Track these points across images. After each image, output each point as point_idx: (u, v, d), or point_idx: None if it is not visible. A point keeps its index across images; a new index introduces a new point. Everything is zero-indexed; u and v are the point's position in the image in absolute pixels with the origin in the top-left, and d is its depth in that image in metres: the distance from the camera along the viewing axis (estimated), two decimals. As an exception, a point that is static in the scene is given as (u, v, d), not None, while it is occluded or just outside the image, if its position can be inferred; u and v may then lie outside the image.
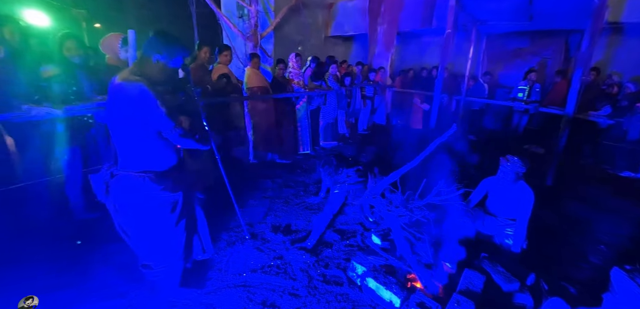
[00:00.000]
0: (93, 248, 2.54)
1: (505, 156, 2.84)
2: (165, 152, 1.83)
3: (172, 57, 1.72)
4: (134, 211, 1.80)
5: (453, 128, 2.93)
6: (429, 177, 2.80)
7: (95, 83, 2.82)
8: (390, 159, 3.41)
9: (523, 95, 6.03)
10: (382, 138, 6.60)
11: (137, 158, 1.74)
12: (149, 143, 1.73)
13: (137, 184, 1.73)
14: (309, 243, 2.81)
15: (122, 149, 1.74)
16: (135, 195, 1.75)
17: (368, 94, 7.07)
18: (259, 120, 4.76)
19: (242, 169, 4.62)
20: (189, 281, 2.19)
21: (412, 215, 2.70)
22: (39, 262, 2.30)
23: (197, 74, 3.69)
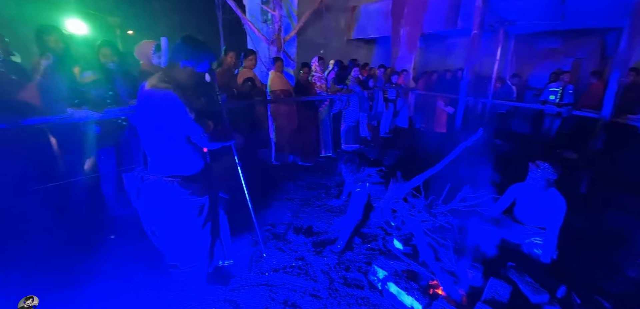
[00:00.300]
0: (125, 241, 2.69)
1: (535, 161, 2.74)
2: (193, 158, 1.87)
3: (199, 62, 1.76)
4: (163, 214, 1.85)
5: (479, 132, 2.86)
6: (454, 182, 2.74)
7: (130, 87, 2.99)
8: (413, 163, 3.36)
9: (555, 97, 5.76)
10: (405, 141, 6.51)
11: (166, 163, 1.79)
12: (177, 148, 1.78)
13: (166, 189, 1.79)
14: (339, 245, 2.82)
15: (151, 154, 1.80)
16: (164, 199, 1.81)
17: (390, 96, 7.00)
18: (282, 123, 4.84)
19: (264, 171, 4.71)
20: (214, 279, 2.27)
21: (435, 220, 2.66)
22: (77, 253, 2.47)
23: (223, 78, 3.82)
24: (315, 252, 2.74)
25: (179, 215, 1.87)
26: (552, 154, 5.26)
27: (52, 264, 2.32)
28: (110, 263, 2.42)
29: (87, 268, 2.32)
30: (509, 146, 4.29)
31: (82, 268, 2.32)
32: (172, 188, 1.80)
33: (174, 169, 1.81)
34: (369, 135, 6.69)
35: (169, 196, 1.81)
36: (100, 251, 2.56)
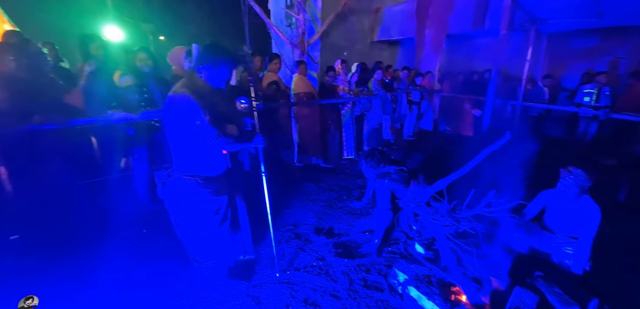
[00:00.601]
0: (155, 236, 2.85)
1: (567, 167, 2.62)
2: (213, 159, 1.94)
3: (215, 68, 1.82)
4: (183, 210, 1.95)
5: (506, 136, 2.78)
6: (479, 187, 2.68)
7: (163, 91, 3.17)
8: (437, 167, 3.30)
9: (590, 99, 5.43)
10: (429, 144, 6.40)
11: (186, 163, 1.87)
12: (196, 149, 1.85)
13: (186, 186, 1.88)
14: (376, 240, 2.84)
15: (174, 154, 1.90)
16: (184, 196, 1.90)
17: (414, 99, 6.90)
18: (305, 125, 4.92)
19: (287, 172, 4.80)
20: (237, 274, 2.36)
21: (458, 226, 2.61)
22: (109, 244, 2.63)
23: (248, 82, 3.95)
24: (336, 253, 2.77)
25: (197, 212, 1.95)
26: (587, 159, 4.97)
27: (86, 254, 2.50)
28: (139, 255, 2.57)
29: (117, 260, 2.46)
30: (540, 151, 4.09)
31: (112, 259, 2.46)
32: (192, 186, 1.88)
33: (193, 168, 1.89)
34: (392, 138, 6.63)
35: (189, 194, 1.89)
36: (131, 243, 2.72)
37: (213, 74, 1.84)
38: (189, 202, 1.92)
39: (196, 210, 1.94)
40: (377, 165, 3.36)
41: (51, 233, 2.48)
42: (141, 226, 3.03)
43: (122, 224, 2.98)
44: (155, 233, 2.90)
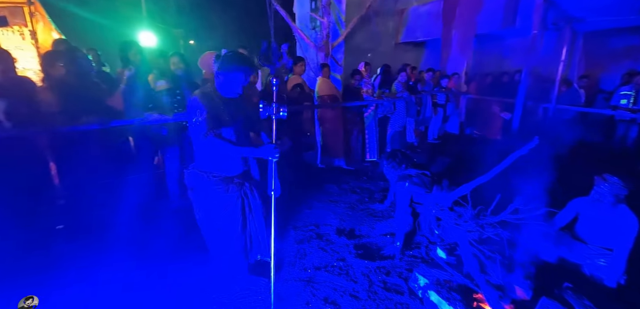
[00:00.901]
0: (183, 230, 3.00)
1: (602, 174, 2.50)
2: (227, 160, 2.05)
3: (229, 73, 1.95)
4: (197, 203, 2.11)
5: (534, 141, 2.69)
6: (505, 193, 2.62)
7: (193, 94, 3.35)
8: (462, 171, 3.25)
9: (627, 102, 5.07)
10: (454, 148, 6.25)
11: (201, 159, 2.03)
12: (209, 148, 1.94)
13: (199, 180, 2.03)
14: (398, 243, 2.86)
15: (194, 150, 2.07)
16: (197, 189, 2.05)
17: (440, 101, 6.77)
18: (328, 127, 4.98)
19: (310, 173, 4.87)
20: (255, 271, 2.44)
21: (482, 232, 2.56)
22: (144, 234, 2.81)
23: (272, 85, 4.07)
24: (357, 254, 2.81)
25: (209, 207, 2.08)
26: (625, 166, 4.66)
27: (118, 246, 2.66)
28: (167, 248, 2.71)
29: (145, 251, 2.62)
30: (573, 156, 3.90)
31: (141, 251, 2.61)
32: (204, 181, 2.02)
33: (206, 165, 2.03)
34: (416, 141, 6.54)
35: (201, 188, 2.04)
36: (161, 236, 2.88)
37: (227, 80, 1.97)
38: (202, 196, 2.06)
39: (208, 205, 2.07)
40: (399, 166, 3.34)
41: (93, 223, 2.70)
42: (172, 220, 3.21)
43: (153, 218, 3.18)
44: (186, 227, 3.06)
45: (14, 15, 4.76)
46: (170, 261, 2.58)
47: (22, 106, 2.35)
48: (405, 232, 2.96)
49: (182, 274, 2.46)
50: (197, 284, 2.38)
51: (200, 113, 1.85)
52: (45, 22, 5.27)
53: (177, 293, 2.28)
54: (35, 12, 4.88)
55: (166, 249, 2.69)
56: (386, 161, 3.39)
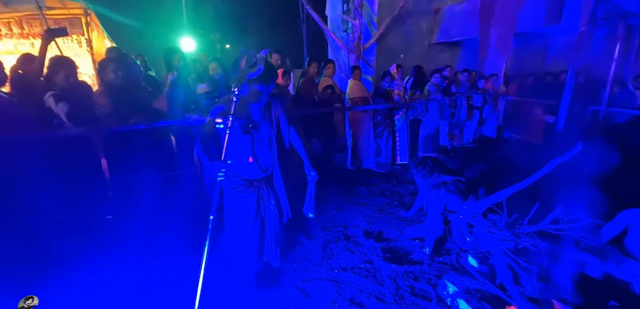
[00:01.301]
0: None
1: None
2: (242, 163, 2.14)
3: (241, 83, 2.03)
4: (225, 204, 2.25)
5: (578, 147, 2.54)
6: (544, 201, 2.49)
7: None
8: (498, 177, 3.11)
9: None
10: (490, 153, 5.98)
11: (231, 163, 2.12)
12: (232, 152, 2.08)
13: (228, 183, 2.17)
14: (427, 250, 2.83)
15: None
16: (225, 192, 2.21)
17: (476, 103, 6.51)
18: (358, 129, 4.99)
19: (339, 175, 4.91)
20: (261, 276, 2.46)
21: (518, 241, 2.46)
22: (183, 225, 2.94)
23: (305, 87, 4.16)
24: (384, 257, 2.80)
25: (230, 207, 2.22)
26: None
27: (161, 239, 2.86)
28: (201, 244, 2.85)
29: (180, 245, 2.72)
30: (625, 163, 3.57)
31: (177, 245, 2.73)
32: (228, 183, 2.16)
33: (232, 168, 2.14)
34: (449, 144, 6.34)
35: (225, 189, 2.19)
36: (199, 231, 3.03)
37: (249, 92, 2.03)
38: (228, 198, 2.22)
39: (226, 202, 2.23)
40: (430, 174, 3.27)
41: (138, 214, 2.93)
42: (207, 215, 3.37)
43: (190, 212, 3.36)
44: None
45: (72, 25, 5.28)
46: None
47: (80, 108, 2.62)
48: (436, 238, 2.90)
49: (210, 270, 2.55)
50: (225, 280, 2.43)
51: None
52: (99, 31, 5.79)
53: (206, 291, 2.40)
54: (90, 22, 5.38)
55: (197, 244, 2.84)
56: (416, 169, 3.33)
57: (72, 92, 2.66)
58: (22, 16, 4.87)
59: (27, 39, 5.00)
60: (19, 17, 4.87)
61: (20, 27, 4.94)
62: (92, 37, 5.32)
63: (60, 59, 2.78)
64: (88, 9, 5.11)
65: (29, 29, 4.96)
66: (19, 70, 2.98)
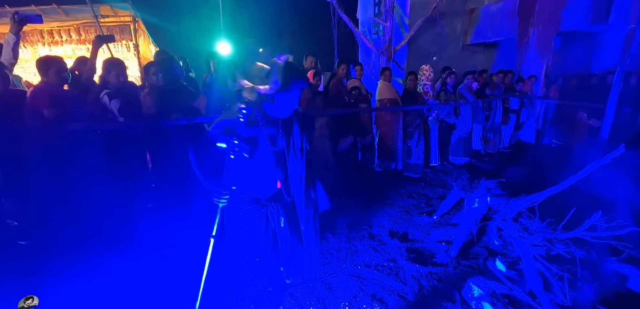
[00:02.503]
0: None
1: None
2: (253, 181, 1.82)
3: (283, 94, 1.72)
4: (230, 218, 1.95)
5: (620, 149, 2.39)
6: (581, 207, 2.37)
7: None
8: (532, 183, 3.00)
9: None
10: (528, 158, 5.70)
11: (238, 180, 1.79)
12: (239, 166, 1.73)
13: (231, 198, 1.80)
14: (452, 252, 2.82)
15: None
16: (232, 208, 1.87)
17: (512, 107, 6.24)
18: (386, 130, 4.99)
19: (367, 176, 4.94)
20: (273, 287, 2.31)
21: (551, 247, 2.36)
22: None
23: (335, 88, 4.26)
24: (408, 257, 2.81)
25: (235, 224, 1.92)
26: None
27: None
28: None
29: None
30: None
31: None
32: (234, 201, 1.81)
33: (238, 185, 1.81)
34: (483, 148, 6.12)
35: (232, 210, 1.88)
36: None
37: (279, 100, 1.68)
38: (228, 210, 1.90)
39: (232, 218, 1.92)
40: (470, 185, 3.12)
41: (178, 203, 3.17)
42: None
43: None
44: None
45: (122, 31, 5.80)
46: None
47: (130, 105, 2.91)
48: (464, 241, 2.85)
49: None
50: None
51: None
52: (145, 36, 6.30)
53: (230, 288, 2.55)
54: (138, 29, 5.87)
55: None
56: (455, 183, 3.23)
57: (123, 91, 2.96)
58: (79, 24, 5.45)
59: (84, 45, 5.57)
60: (77, 25, 5.45)
61: (78, 34, 5.52)
62: (139, 42, 5.80)
63: (112, 60, 3.11)
64: (136, 17, 5.59)
65: (86, 36, 5.53)
66: (75, 71, 3.37)
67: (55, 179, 2.57)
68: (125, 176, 2.98)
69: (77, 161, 2.62)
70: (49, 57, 2.75)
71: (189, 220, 3.05)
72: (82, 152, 2.67)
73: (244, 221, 1.91)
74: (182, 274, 2.45)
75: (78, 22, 5.42)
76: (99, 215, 2.73)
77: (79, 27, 5.47)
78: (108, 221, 2.77)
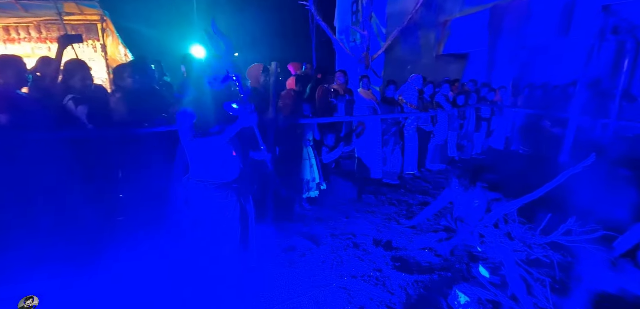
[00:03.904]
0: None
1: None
2: (226, 165, 2.04)
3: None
4: (197, 213, 2.10)
5: (590, 158, 2.53)
6: (557, 212, 2.48)
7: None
8: (507, 189, 3.11)
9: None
10: (499, 164, 5.95)
11: (198, 168, 2.03)
12: (205, 154, 1.99)
13: (199, 190, 2.03)
14: (446, 248, 2.82)
15: (190, 160, 2.07)
16: (197, 200, 2.06)
17: (484, 115, 6.51)
18: (365, 138, 5.00)
19: (347, 183, 4.91)
20: (244, 281, 2.40)
21: (530, 252, 2.44)
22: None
23: (319, 94, 4.23)
24: (394, 266, 2.79)
25: (213, 217, 2.06)
26: None
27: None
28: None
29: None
30: (637, 176, 3.55)
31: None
32: (207, 192, 2.03)
33: (206, 174, 2.02)
34: (458, 155, 6.33)
35: (204, 199, 2.04)
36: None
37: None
38: (200, 206, 2.06)
39: (207, 214, 2.06)
40: (472, 185, 3.16)
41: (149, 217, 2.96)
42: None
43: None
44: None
45: (89, 30, 5.42)
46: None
47: (99, 111, 2.69)
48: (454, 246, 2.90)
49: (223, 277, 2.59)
50: (235, 287, 2.37)
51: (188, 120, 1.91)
52: (113, 37, 5.93)
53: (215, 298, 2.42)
54: (106, 28, 5.52)
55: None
56: (457, 180, 3.25)
57: (91, 95, 2.73)
58: (40, 21, 5.02)
59: (44, 43, 5.14)
60: (37, 22, 5.02)
61: (38, 32, 5.09)
62: (107, 43, 5.45)
63: (76, 62, 2.85)
64: (104, 16, 5.25)
65: (47, 34, 5.11)
66: (37, 72, 3.07)
67: (13, 192, 2.30)
68: (93, 187, 2.73)
69: (39, 171, 2.37)
70: (5, 56, 2.48)
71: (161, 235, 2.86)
72: (43, 162, 2.41)
73: (219, 214, 2.06)
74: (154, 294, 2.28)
75: (38, 18, 4.99)
76: (64, 232, 2.47)
77: (39, 25, 5.04)
78: (74, 236, 2.51)
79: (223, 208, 2.08)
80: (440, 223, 3.59)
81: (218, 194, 2.04)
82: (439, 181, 5.16)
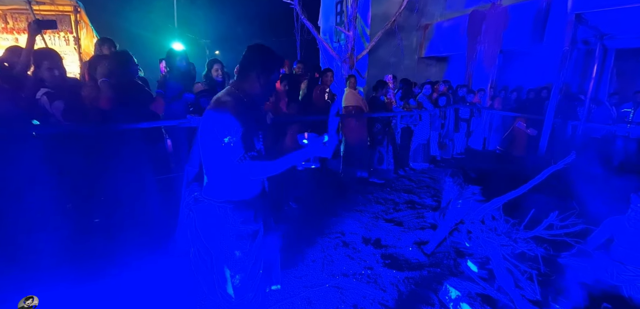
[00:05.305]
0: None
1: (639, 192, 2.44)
2: (248, 182, 1.56)
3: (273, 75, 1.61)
4: (214, 239, 1.55)
5: (571, 156, 2.65)
6: (539, 208, 2.58)
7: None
8: (489, 187, 3.21)
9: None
10: (478, 164, 6.16)
11: (221, 187, 1.52)
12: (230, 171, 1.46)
13: (222, 215, 1.51)
14: (428, 248, 2.84)
15: (207, 175, 1.56)
16: (215, 224, 1.53)
17: (463, 116, 6.72)
18: (352, 137, 5.02)
19: (334, 182, 4.91)
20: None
21: (515, 246, 2.53)
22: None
23: (316, 93, 4.21)
24: (384, 264, 2.80)
25: (230, 241, 1.54)
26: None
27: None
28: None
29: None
30: (606, 175, 3.80)
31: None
32: (230, 215, 1.52)
33: (229, 193, 1.52)
34: (440, 155, 6.49)
35: (220, 222, 1.52)
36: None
37: (270, 82, 1.62)
38: (221, 231, 1.53)
39: (229, 239, 1.54)
40: (465, 183, 3.24)
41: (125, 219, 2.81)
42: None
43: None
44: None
45: (61, 22, 5.11)
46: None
47: (75, 107, 2.52)
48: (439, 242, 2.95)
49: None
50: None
51: (235, 132, 1.37)
52: (88, 29, 5.63)
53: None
54: (80, 20, 5.22)
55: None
56: (451, 179, 3.33)
57: (66, 91, 2.56)
58: (7, 10, 4.68)
59: (11, 34, 4.80)
60: (4, 11, 4.68)
61: (4, 22, 4.74)
62: (80, 36, 5.15)
63: (44, 50, 2.66)
64: (78, 7, 4.97)
65: (14, 24, 4.78)
66: (5, 62, 2.84)
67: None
68: (67, 187, 2.56)
69: (9, 170, 2.19)
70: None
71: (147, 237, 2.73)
72: (13, 160, 2.23)
73: (243, 239, 1.55)
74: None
75: (5, 7, 4.64)
76: (38, 237, 2.30)
77: (5, 14, 4.69)
78: (48, 240, 2.34)
79: (247, 232, 1.57)
80: (427, 221, 3.66)
81: (242, 216, 1.55)
82: (423, 180, 5.26)
